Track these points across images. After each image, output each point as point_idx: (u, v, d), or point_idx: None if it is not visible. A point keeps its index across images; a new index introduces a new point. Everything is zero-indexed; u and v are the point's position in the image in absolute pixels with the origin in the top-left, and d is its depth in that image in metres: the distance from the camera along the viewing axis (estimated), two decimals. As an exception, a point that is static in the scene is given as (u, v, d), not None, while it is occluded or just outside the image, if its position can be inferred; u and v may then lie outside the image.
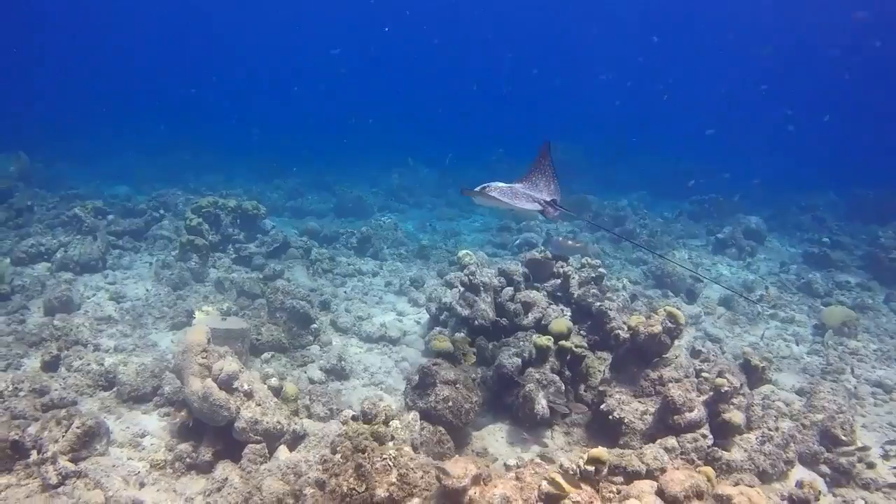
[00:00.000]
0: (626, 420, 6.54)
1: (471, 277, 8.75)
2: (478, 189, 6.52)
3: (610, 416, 6.63)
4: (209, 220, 12.82)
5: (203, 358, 6.38)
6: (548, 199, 6.73)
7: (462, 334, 8.53)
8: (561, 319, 7.72)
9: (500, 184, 6.73)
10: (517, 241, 16.03)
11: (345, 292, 11.71)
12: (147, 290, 11.00)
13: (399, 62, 58.49)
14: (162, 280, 11.24)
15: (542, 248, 10.32)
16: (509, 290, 8.92)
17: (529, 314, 8.39)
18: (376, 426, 5.41)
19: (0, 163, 20.68)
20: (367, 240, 14.17)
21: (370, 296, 11.54)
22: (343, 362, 8.35)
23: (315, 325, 9.27)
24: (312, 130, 34.86)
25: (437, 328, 9.13)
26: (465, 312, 8.65)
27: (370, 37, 57.44)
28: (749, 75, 45.53)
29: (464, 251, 10.35)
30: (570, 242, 10.63)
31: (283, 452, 5.99)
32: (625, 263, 15.20)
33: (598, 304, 8.42)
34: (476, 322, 8.54)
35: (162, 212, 15.39)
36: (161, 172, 27.03)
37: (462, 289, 8.96)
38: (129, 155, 29.52)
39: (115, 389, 7.41)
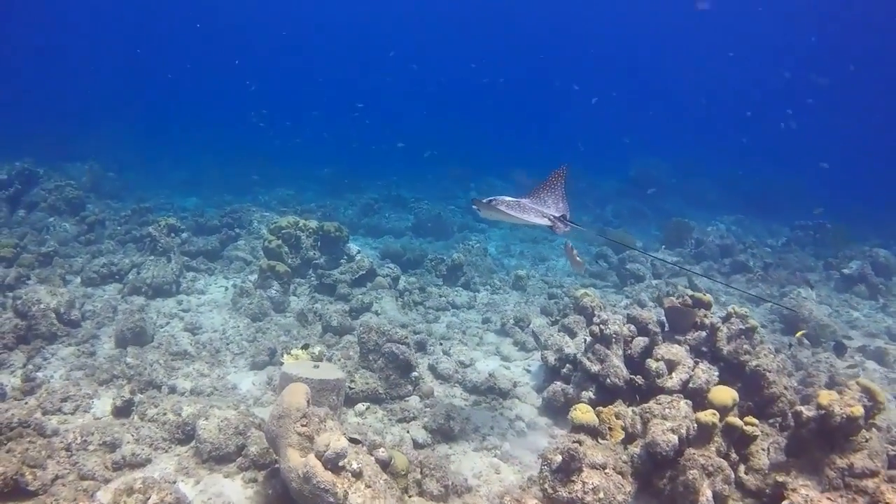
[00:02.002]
0: (826, 530, 5.28)
1: (602, 327, 7.57)
2: (485, 201, 6.48)
3: (803, 522, 5.37)
4: (289, 242, 11.99)
5: (303, 426, 5.38)
6: (556, 214, 6.66)
7: (590, 394, 7.41)
8: (724, 389, 6.49)
9: (507, 198, 6.66)
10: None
11: (441, 330, 10.65)
12: (224, 321, 10.20)
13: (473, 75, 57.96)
14: (240, 309, 10.42)
15: (679, 291, 9.08)
16: (641, 342, 7.71)
17: (674, 374, 7.16)
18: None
19: (73, 172, 20.61)
20: (459, 267, 13.10)
21: (469, 335, 10.44)
22: (451, 421, 7.25)
23: (415, 374, 8.20)
24: (382, 142, 34.16)
25: (559, 384, 7.95)
26: (595, 368, 7.48)
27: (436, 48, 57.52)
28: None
29: (582, 290, 9.22)
30: (575, 253, 9.53)
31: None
32: (742, 301, 13.69)
33: (754, 363, 7.17)
34: (608, 381, 7.36)
35: (237, 230, 14.70)
36: (230, 183, 26.85)
37: (590, 338, 7.79)
38: (197, 163, 29.53)
39: (193, 445, 6.52)
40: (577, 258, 9.82)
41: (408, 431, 7.28)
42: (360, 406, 7.70)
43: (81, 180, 19.73)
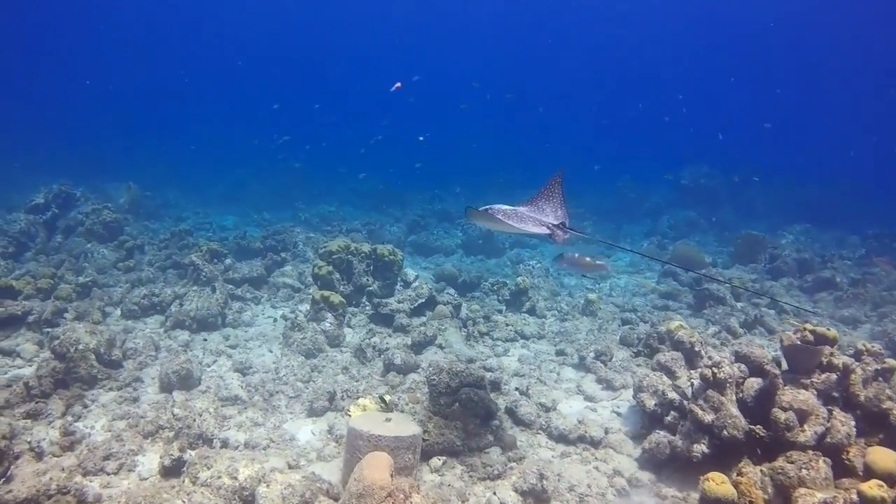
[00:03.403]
0: None
1: (715, 370, 6.60)
2: (481, 210, 6.26)
3: None
4: (340, 268, 11.25)
5: (389, 507, 4.54)
6: (555, 222, 6.40)
7: (702, 447, 6.45)
8: (885, 451, 5.47)
9: (504, 206, 6.45)
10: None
11: (513, 365, 9.73)
12: (276, 358, 9.45)
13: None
14: (292, 345, 9.65)
15: (795, 324, 8.07)
16: (755, 384, 6.73)
17: (806, 426, 6.16)
18: None
19: (112, 193, 20.30)
20: (524, 292, 12.17)
21: (545, 370, 9.51)
22: (545, 481, 6.34)
23: (496, 422, 7.31)
24: (424, 153, 33.55)
25: (662, 434, 6.99)
26: (709, 419, 6.52)
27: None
28: None
29: (676, 323, 8.28)
30: (587, 260, 9.06)
31: None
32: (836, 323, 12.51)
33: (900, 411, 6.18)
34: (724, 433, 6.39)
35: (282, 254, 14.00)
36: (268, 199, 26.47)
37: (698, 382, 6.83)
38: (232, 178, 29.30)
39: (253, 516, 5.73)
40: (597, 261, 9.11)
41: (494, 493, 6.39)
42: (436, 461, 6.84)
43: (119, 201, 19.41)
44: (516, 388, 8.66)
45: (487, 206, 6.35)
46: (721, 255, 19.61)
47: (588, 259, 9.33)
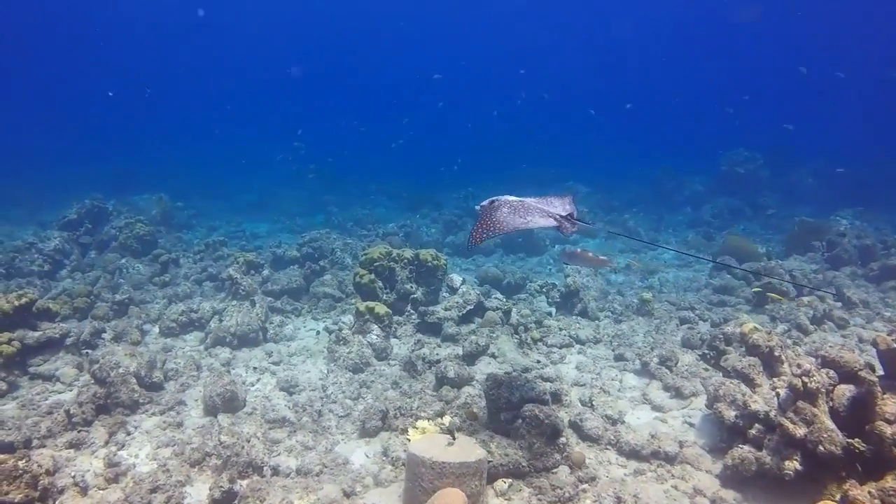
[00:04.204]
0: None
1: (806, 380, 6.06)
2: (486, 203, 6.28)
3: None
4: (382, 276, 10.86)
5: (467, 551, 4.12)
6: (563, 213, 6.27)
7: (795, 464, 5.93)
8: None
9: (511, 197, 6.35)
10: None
11: (572, 374, 9.23)
12: (321, 374, 9.10)
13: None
14: (338, 360, 9.28)
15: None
16: (846, 392, 6.17)
17: (917, 440, 5.59)
18: None
19: (143, 205, 20.21)
20: (575, 293, 11.67)
21: (605, 377, 8.99)
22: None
23: (563, 440, 6.84)
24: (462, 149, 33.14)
25: (747, 449, 6.46)
26: (801, 433, 5.98)
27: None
28: None
29: (750, 324, 7.68)
30: (590, 254, 8.96)
31: None
32: (906, 314, 11.80)
33: None
34: (820, 448, 5.84)
35: (320, 262, 13.66)
36: (300, 204, 26.31)
37: (786, 392, 6.30)
38: (261, 185, 29.23)
39: (311, 552, 5.35)
40: (600, 256, 8.76)
41: (568, 519, 5.95)
42: (501, 484, 6.41)
43: (151, 213, 19.32)
44: (579, 399, 8.19)
45: (494, 198, 6.31)
46: (771, 244, 18.87)
47: (591, 254, 9.12)
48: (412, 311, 10.79)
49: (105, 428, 7.57)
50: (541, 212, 6.19)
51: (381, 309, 9.78)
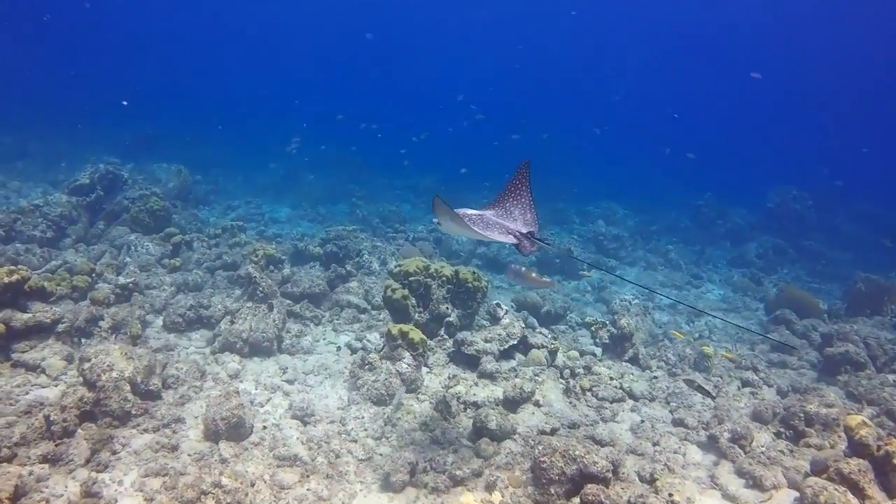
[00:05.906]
0: None
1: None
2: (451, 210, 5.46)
3: None
4: (417, 293, 9.77)
5: None
6: (524, 230, 5.99)
7: None
8: None
9: (469, 211, 6.10)
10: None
11: (625, 436, 8.02)
12: (341, 402, 8.04)
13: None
14: (361, 388, 8.19)
15: None
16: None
17: None
18: None
19: (161, 176, 19.21)
20: (628, 338, 10.49)
21: (664, 447, 7.77)
22: None
23: (628, 532, 5.74)
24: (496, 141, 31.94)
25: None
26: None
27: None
28: None
29: (858, 418, 6.56)
30: (534, 275, 8.34)
31: None
32: None
33: None
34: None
35: (346, 266, 12.56)
36: (323, 191, 25.33)
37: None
38: (284, 164, 28.22)
39: None
40: (543, 278, 8.56)
41: None
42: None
43: (168, 186, 18.30)
44: (637, 474, 7.05)
45: (456, 210, 5.73)
46: (825, 296, 17.58)
47: (534, 275, 8.42)
48: (445, 337, 9.70)
49: (88, 442, 6.55)
50: (500, 227, 5.89)
51: (415, 335, 8.64)
